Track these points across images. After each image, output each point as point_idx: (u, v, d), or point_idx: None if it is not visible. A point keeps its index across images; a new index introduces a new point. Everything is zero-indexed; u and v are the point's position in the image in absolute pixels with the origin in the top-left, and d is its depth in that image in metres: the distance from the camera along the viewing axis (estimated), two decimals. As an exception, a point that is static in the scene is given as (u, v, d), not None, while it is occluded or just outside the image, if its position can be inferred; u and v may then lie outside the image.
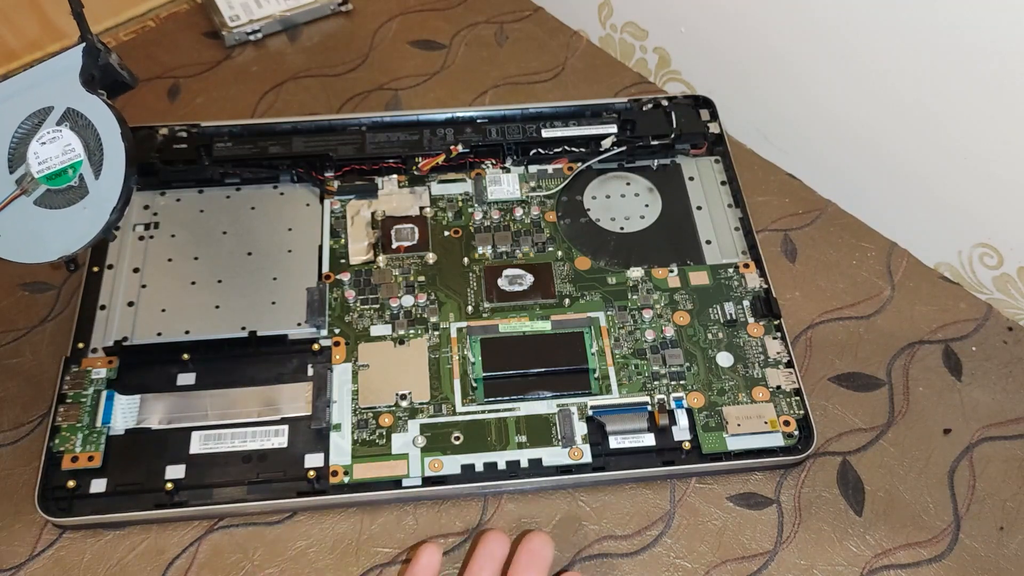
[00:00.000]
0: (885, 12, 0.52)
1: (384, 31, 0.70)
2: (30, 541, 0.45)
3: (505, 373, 0.50)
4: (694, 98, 0.62)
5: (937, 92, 0.53)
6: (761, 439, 0.48)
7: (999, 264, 0.55)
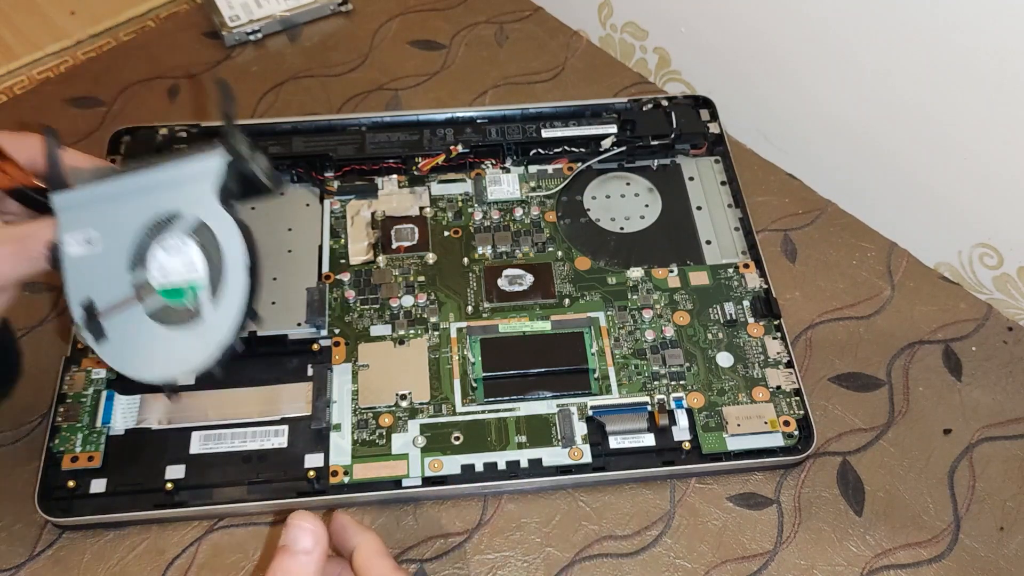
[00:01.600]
0: (885, 12, 0.52)
1: (384, 31, 0.70)
2: (30, 541, 0.45)
3: (505, 373, 0.50)
4: (694, 98, 0.62)
5: (937, 92, 0.53)
6: (761, 439, 0.48)
7: (999, 264, 0.55)
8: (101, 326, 0.37)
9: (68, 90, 0.65)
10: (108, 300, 0.37)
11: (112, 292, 0.37)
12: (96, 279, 0.37)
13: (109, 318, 0.37)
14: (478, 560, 0.45)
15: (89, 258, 0.37)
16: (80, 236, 0.37)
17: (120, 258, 0.37)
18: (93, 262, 0.37)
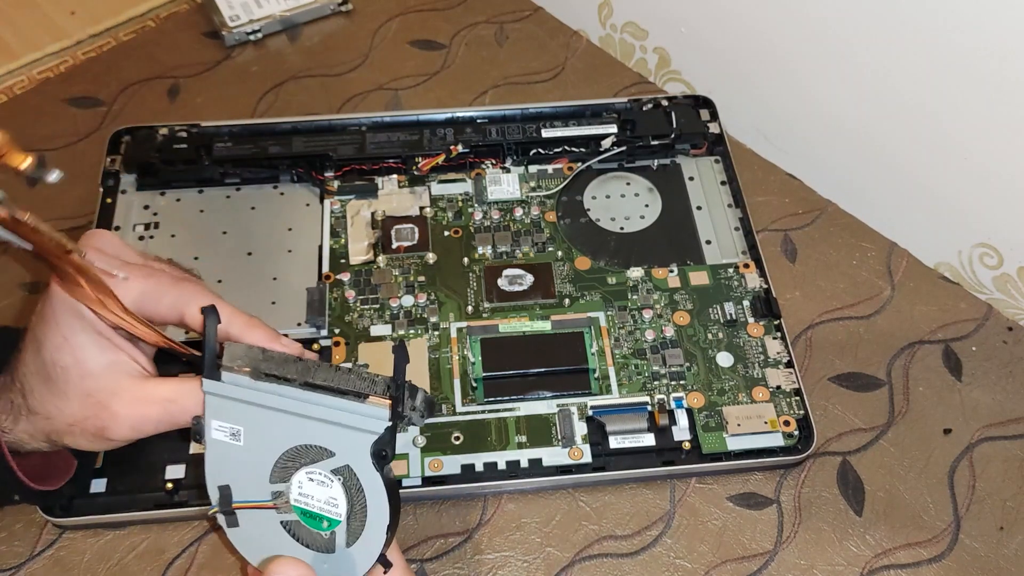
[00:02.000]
0: (885, 12, 0.52)
1: (384, 31, 0.70)
2: (30, 541, 0.45)
3: (505, 373, 0.50)
4: (694, 98, 0.62)
5: (937, 92, 0.53)
6: (761, 439, 0.48)
7: (999, 264, 0.55)
8: (235, 515, 0.37)
9: (68, 90, 0.65)
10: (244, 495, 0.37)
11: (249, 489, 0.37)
12: (234, 470, 0.37)
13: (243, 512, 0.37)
14: (478, 560, 0.45)
15: (230, 448, 0.37)
16: (227, 427, 0.37)
17: (262, 464, 0.37)
18: (234, 454, 0.37)
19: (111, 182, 0.57)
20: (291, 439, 0.36)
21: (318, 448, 0.36)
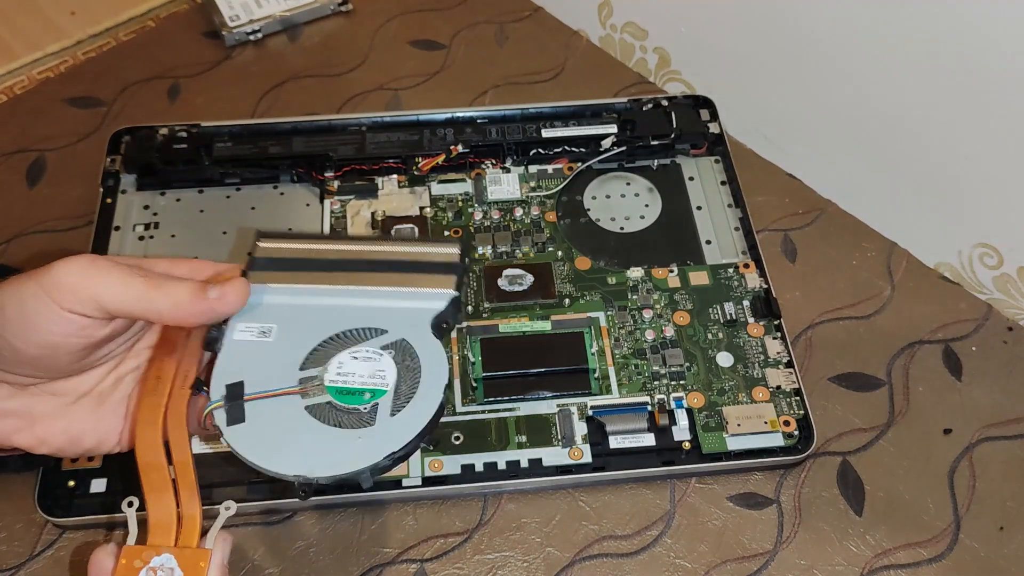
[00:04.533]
0: (885, 12, 0.52)
1: (384, 31, 0.70)
2: (30, 541, 0.45)
3: (505, 373, 0.50)
4: (694, 98, 0.62)
5: (937, 92, 0.53)
6: (761, 439, 0.48)
7: (999, 264, 0.55)
8: (242, 409, 0.35)
9: (68, 90, 0.65)
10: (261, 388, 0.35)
11: (270, 381, 0.35)
12: (255, 367, 0.36)
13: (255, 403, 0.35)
14: (478, 560, 0.45)
15: (256, 346, 0.36)
16: (254, 326, 0.37)
17: (293, 354, 0.36)
18: (259, 351, 0.36)
19: (111, 182, 0.57)
20: (334, 326, 0.36)
21: (366, 330, 0.36)
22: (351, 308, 0.37)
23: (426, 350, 0.36)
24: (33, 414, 0.38)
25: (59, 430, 0.38)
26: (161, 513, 0.34)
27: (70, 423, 0.38)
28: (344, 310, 0.37)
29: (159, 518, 0.34)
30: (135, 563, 0.33)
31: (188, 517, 0.34)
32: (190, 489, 0.35)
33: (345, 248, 0.39)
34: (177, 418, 0.36)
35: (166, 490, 0.35)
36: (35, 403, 0.38)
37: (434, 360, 0.36)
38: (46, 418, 0.38)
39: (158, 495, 0.35)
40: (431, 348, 0.36)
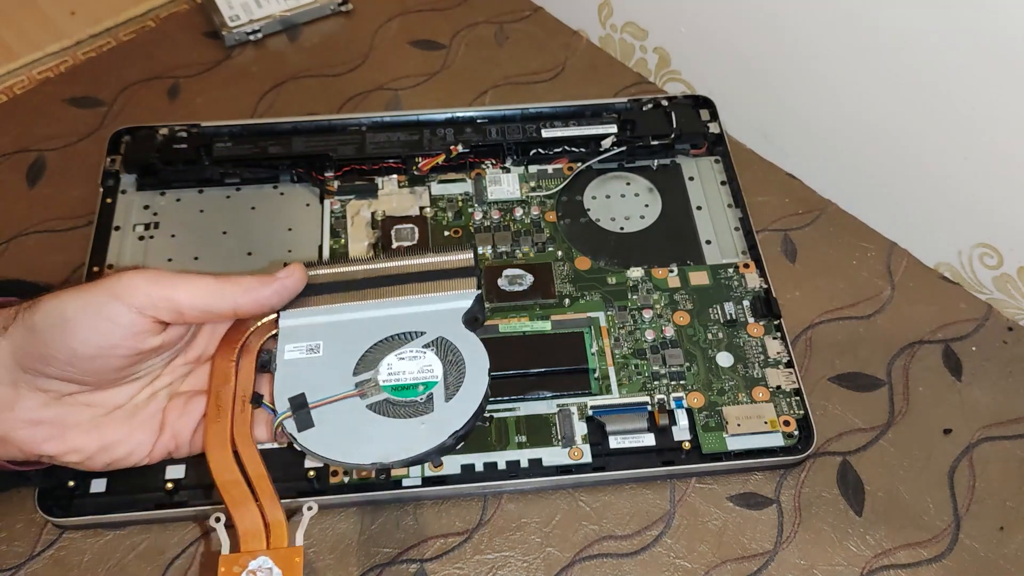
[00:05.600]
0: (885, 13, 0.52)
1: (384, 31, 0.70)
2: (30, 541, 0.45)
3: (505, 373, 0.50)
4: (694, 98, 0.62)
5: (937, 92, 0.53)
6: (761, 439, 0.48)
7: (999, 264, 0.55)
8: (309, 416, 0.39)
9: (68, 90, 0.65)
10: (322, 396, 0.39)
11: (329, 389, 0.39)
12: (311, 379, 0.39)
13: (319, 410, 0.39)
14: (478, 560, 0.45)
15: (308, 362, 0.40)
16: (302, 345, 0.40)
17: (344, 364, 0.40)
18: (312, 365, 0.40)
19: (111, 182, 0.57)
20: (376, 335, 0.40)
21: (406, 334, 0.40)
22: (388, 317, 0.41)
23: (464, 342, 0.40)
24: (66, 423, 0.39)
25: (91, 440, 0.39)
26: (248, 523, 0.37)
27: (103, 434, 0.40)
28: (382, 320, 0.41)
29: (247, 528, 0.37)
30: (234, 569, 0.36)
31: (274, 522, 0.37)
32: (270, 497, 0.38)
33: (372, 267, 0.43)
34: (244, 436, 0.39)
35: (248, 502, 0.38)
36: (69, 413, 0.39)
37: (474, 350, 0.40)
38: (78, 428, 0.39)
39: (242, 507, 0.38)
40: (468, 340, 0.40)
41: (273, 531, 0.37)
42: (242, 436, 0.39)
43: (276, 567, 0.36)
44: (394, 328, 0.40)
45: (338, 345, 0.40)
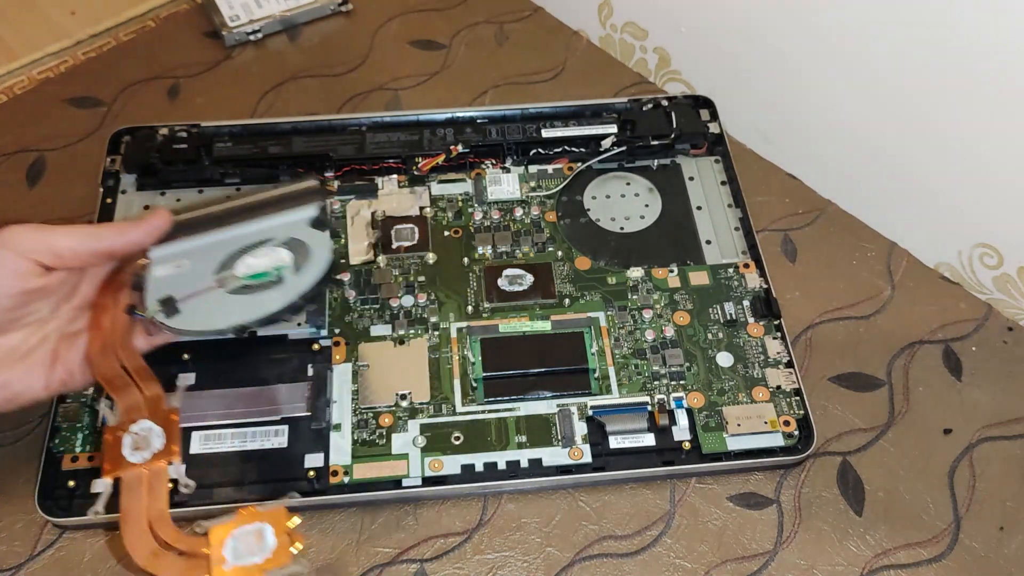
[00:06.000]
0: (885, 13, 0.52)
1: (384, 31, 0.70)
2: (30, 541, 0.45)
3: (505, 373, 0.50)
4: (694, 98, 0.62)
5: (937, 92, 0.53)
6: (761, 439, 0.48)
7: (999, 264, 0.55)
8: (175, 307, 0.44)
9: (68, 90, 0.65)
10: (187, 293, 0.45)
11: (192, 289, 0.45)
12: (177, 285, 0.45)
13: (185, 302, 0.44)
14: (478, 560, 0.45)
15: (175, 275, 0.45)
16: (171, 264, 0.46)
17: (207, 270, 0.45)
18: (178, 277, 0.45)
19: (111, 182, 0.57)
20: (235, 245, 0.46)
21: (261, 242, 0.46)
22: (245, 234, 0.47)
23: (311, 237, 0.46)
24: None
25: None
26: (129, 400, 0.42)
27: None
28: (240, 236, 0.47)
29: (128, 404, 0.42)
30: (117, 433, 0.41)
31: (153, 397, 0.42)
32: (149, 379, 0.43)
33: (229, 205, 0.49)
34: (124, 341, 0.44)
35: (128, 386, 0.43)
36: None
37: (320, 241, 0.46)
38: None
39: (122, 391, 0.42)
40: (315, 235, 0.47)
41: (152, 403, 0.42)
42: (122, 343, 0.44)
43: (156, 426, 0.41)
44: (250, 240, 0.46)
45: (202, 260, 0.46)
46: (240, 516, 0.39)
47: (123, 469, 0.40)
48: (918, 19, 0.51)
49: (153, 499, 0.40)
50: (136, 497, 0.40)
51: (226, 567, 0.38)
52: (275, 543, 0.38)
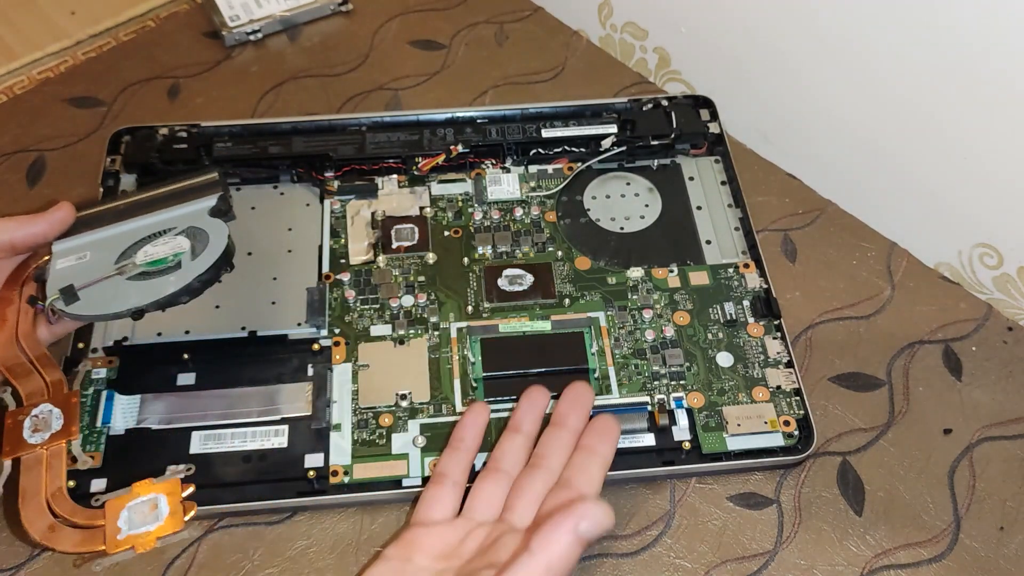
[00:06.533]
0: (885, 12, 0.52)
1: (384, 31, 0.70)
2: (30, 541, 0.45)
3: (505, 373, 0.50)
4: (694, 98, 0.62)
5: (937, 92, 0.53)
6: (761, 439, 0.48)
7: (999, 264, 0.55)
8: (75, 295, 0.45)
9: (68, 90, 0.65)
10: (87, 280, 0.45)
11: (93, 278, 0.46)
12: (79, 276, 0.45)
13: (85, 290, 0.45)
14: (478, 560, 0.45)
15: (76, 266, 0.46)
16: (72, 256, 0.47)
17: (108, 259, 0.46)
18: (79, 267, 0.46)
19: (111, 182, 0.57)
20: (135, 237, 0.47)
21: (161, 232, 0.47)
22: (147, 225, 0.48)
23: (209, 225, 0.47)
24: None
25: None
26: (31, 386, 0.44)
27: None
28: (142, 228, 0.48)
29: (30, 390, 0.44)
30: (19, 418, 0.43)
31: (54, 382, 0.44)
32: (51, 366, 0.45)
33: (131, 199, 0.50)
34: (26, 331, 0.46)
35: (30, 373, 0.44)
36: None
37: (216, 228, 0.47)
38: None
39: (24, 378, 0.44)
40: (213, 223, 0.47)
41: (53, 387, 0.44)
42: (24, 333, 0.45)
43: (56, 408, 0.43)
44: (151, 231, 0.47)
45: (103, 251, 0.47)
46: (135, 488, 0.41)
47: (23, 450, 0.42)
48: (918, 19, 0.51)
49: (51, 477, 0.42)
50: (35, 476, 0.41)
51: (120, 536, 0.40)
52: (168, 511, 0.41)
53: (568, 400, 0.46)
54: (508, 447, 0.45)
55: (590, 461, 0.43)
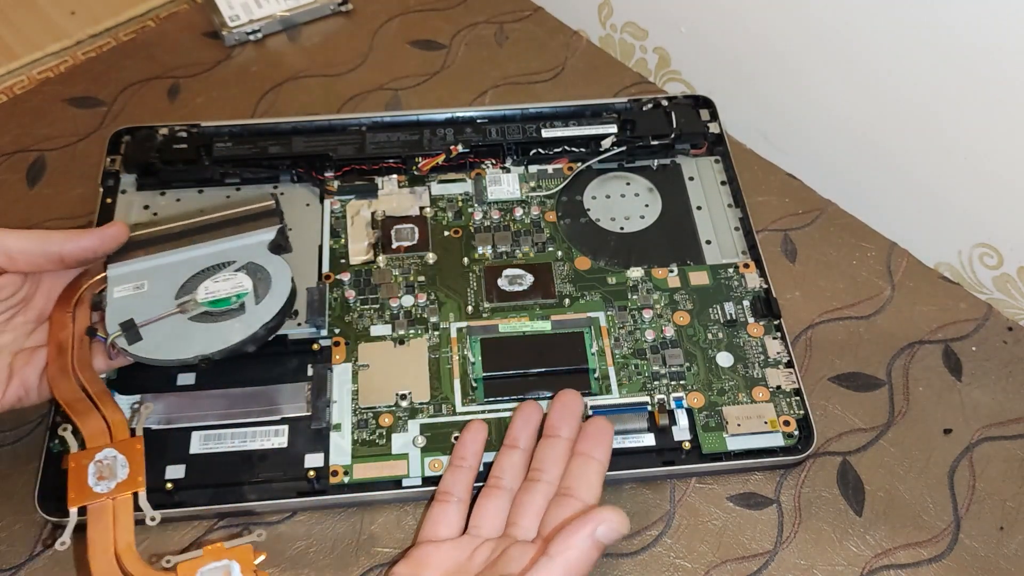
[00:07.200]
0: (885, 12, 0.52)
1: (384, 31, 0.70)
2: (30, 541, 0.45)
3: (505, 373, 0.50)
4: (694, 98, 0.62)
5: (937, 92, 0.53)
6: (761, 439, 0.48)
7: (999, 264, 0.55)
8: (137, 333, 0.44)
9: (68, 90, 0.65)
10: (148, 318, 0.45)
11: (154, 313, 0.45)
12: (138, 309, 0.45)
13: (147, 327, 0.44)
14: (478, 560, 0.45)
15: (134, 297, 0.46)
16: (129, 285, 0.46)
17: (167, 293, 0.46)
18: (138, 299, 0.46)
19: (111, 182, 0.57)
20: (194, 268, 0.47)
21: (220, 264, 0.47)
22: (203, 255, 0.47)
23: (270, 263, 0.47)
24: None
25: None
26: (92, 427, 0.42)
27: None
28: (198, 257, 0.47)
29: (91, 431, 0.42)
30: (83, 462, 0.41)
31: (115, 422, 0.42)
32: (111, 406, 0.43)
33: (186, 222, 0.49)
34: (84, 363, 0.44)
35: (91, 411, 0.43)
36: None
37: (278, 267, 0.47)
38: None
39: (85, 416, 0.42)
40: (274, 261, 0.47)
41: (115, 429, 0.42)
42: (82, 364, 0.44)
43: (120, 455, 0.41)
44: (209, 262, 0.47)
45: (161, 281, 0.46)
46: (207, 552, 0.38)
47: (89, 499, 0.40)
48: (918, 19, 0.51)
49: (119, 530, 0.40)
50: (102, 528, 0.39)
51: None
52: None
53: (557, 410, 0.46)
54: (507, 464, 0.45)
55: (587, 467, 0.44)
